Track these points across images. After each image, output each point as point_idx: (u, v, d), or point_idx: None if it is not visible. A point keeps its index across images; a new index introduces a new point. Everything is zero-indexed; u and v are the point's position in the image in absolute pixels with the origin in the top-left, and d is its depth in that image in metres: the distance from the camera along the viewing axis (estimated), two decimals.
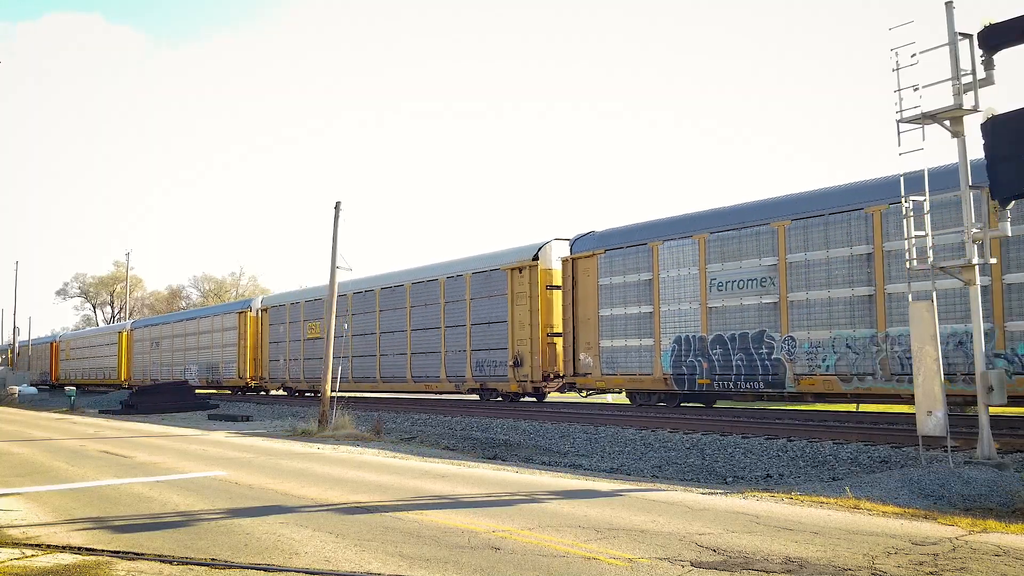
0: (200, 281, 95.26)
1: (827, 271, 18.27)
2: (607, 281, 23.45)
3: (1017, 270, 15.29)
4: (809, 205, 18.90)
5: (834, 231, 18.13)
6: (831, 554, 7.01)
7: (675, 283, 21.55)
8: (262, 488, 11.62)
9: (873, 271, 17.39)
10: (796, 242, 18.92)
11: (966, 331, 15.07)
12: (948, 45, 11.87)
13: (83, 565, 7.18)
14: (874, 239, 17.38)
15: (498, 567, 6.81)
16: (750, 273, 19.87)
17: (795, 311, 18.84)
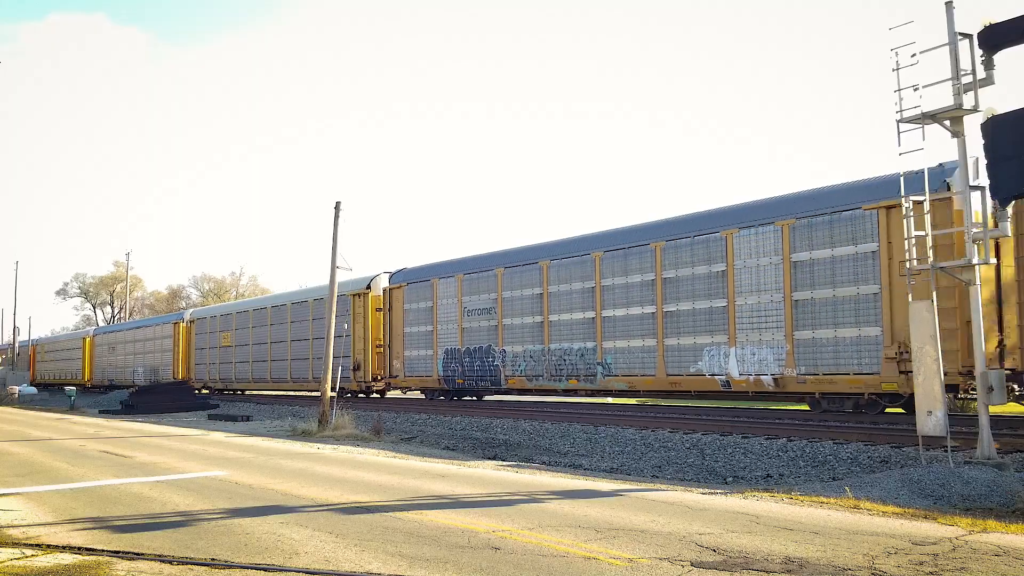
0: (200, 281, 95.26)
1: (521, 304, 26.24)
2: (408, 307, 31.12)
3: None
4: (515, 258, 27.11)
5: (523, 277, 26.28)
6: (831, 554, 7.02)
7: (445, 309, 29.27)
8: (262, 488, 11.62)
9: (542, 306, 25.43)
10: (507, 284, 26.71)
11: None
12: (948, 45, 11.87)
13: (83, 565, 7.18)
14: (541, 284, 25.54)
15: (498, 567, 6.81)
16: (483, 304, 27.65)
17: (506, 332, 26.62)
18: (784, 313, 19.10)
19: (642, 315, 22.21)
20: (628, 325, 22.62)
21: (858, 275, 17.80)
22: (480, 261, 28.58)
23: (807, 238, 18.74)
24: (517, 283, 26.24)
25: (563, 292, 24.66)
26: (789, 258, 19.08)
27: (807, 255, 18.77)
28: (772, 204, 20.15)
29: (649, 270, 22.10)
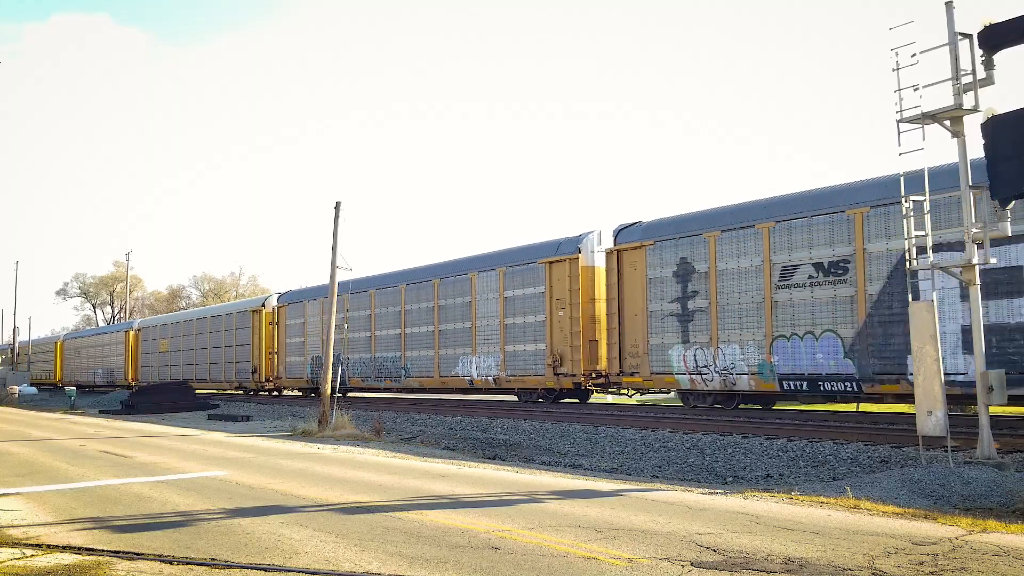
0: (200, 281, 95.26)
1: (359, 323, 34.34)
2: (289, 322, 39.69)
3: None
4: (356, 287, 33.78)
5: (360, 301, 34.09)
6: (831, 554, 7.02)
7: (313, 325, 37.32)
8: (262, 488, 11.62)
9: (371, 324, 33.57)
10: (352, 306, 34.31)
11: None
12: (948, 45, 11.87)
13: (83, 565, 7.18)
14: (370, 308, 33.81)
15: (498, 567, 6.81)
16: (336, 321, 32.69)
17: (350, 344, 34.45)
18: (500, 333, 27.36)
19: (427, 332, 30.64)
20: (419, 340, 31.05)
21: (536, 308, 26.15)
22: (364, 283, 35.83)
23: (512, 281, 27.24)
24: (357, 306, 34.59)
25: (384, 314, 33.15)
26: (503, 294, 27.41)
27: (511, 293, 27.19)
28: (493, 257, 28.81)
29: (429, 299, 30.67)
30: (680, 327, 21.76)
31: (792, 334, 19.33)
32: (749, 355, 20.20)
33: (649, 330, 22.49)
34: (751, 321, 20.15)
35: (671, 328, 21.98)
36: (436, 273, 30.65)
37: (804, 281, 19.06)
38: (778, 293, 19.55)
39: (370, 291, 33.86)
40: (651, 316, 22.45)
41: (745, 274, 20.28)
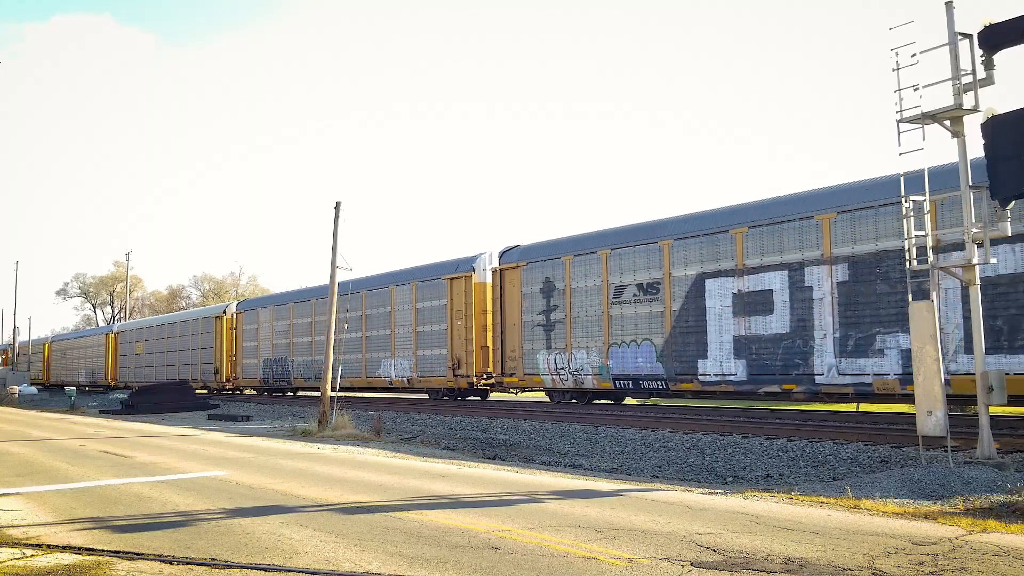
0: (200, 281, 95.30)
1: (301, 329, 39.14)
2: (245, 328, 43.65)
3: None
4: (298, 297, 40.39)
5: (301, 310, 39.30)
6: (831, 554, 7.02)
7: (265, 331, 42.28)
8: (262, 488, 11.62)
9: (311, 331, 38.39)
10: (296, 314, 39.35)
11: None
12: (948, 45, 11.87)
13: (83, 565, 7.18)
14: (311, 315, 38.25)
15: (498, 567, 6.81)
16: (282, 328, 40.39)
17: (295, 348, 39.48)
18: (413, 339, 31.71)
19: (356, 338, 34.59)
20: (350, 345, 34.22)
21: (440, 318, 30.20)
22: (282, 297, 42.53)
23: (423, 294, 31.41)
24: (300, 314, 39.28)
25: (322, 322, 34.64)
26: (416, 305, 31.69)
27: (422, 304, 31.47)
28: (408, 272, 33.07)
29: (359, 309, 34.70)
30: (545, 335, 25.84)
31: (623, 342, 23.41)
32: (593, 359, 24.24)
33: (523, 338, 26.69)
34: (594, 331, 24.17)
35: (539, 336, 26.13)
36: (364, 286, 34.95)
37: (631, 298, 23.17)
38: (613, 308, 23.65)
39: (311, 300, 38.15)
40: (524, 326, 26.64)
41: (590, 292, 24.35)
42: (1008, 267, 15.80)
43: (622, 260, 23.40)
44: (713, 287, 21.02)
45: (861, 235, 18.07)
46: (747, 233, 20.05)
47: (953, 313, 16.51)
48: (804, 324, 19.01)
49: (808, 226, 18.99)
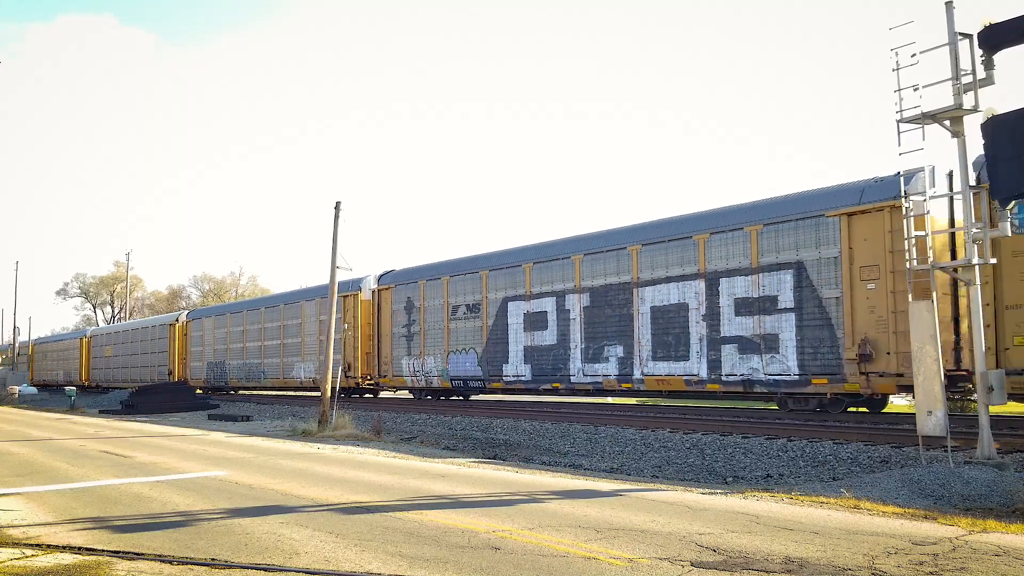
0: (200, 281, 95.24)
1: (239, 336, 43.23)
2: (192, 335, 49.10)
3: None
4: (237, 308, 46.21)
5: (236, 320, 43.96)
6: (831, 554, 7.02)
7: (209, 337, 46.90)
8: (262, 488, 11.62)
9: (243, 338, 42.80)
10: (232, 324, 44.11)
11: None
12: (948, 45, 11.87)
13: (83, 565, 7.18)
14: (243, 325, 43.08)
15: (498, 567, 6.81)
16: (221, 335, 45.31)
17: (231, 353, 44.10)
18: (316, 346, 35.85)
19: (276, 345, 39.81)
20: (271, 351, 40.06)
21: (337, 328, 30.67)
22: (221, 309, 49.82)
23: (323, 308, 34.35)
24: (234, 324, 43.98)
25: (252, 330, 41.99)
26: (319, 318, 36.08)
27: (324, 317, 33.74)
28: (314, 290, 38.06)
29: (278, 320, 39.96)
30: (407, 344, 31.41)
31: (457, 350, 28.77)
32: (438, 363, 29.64)
33: (392, 346, 32.31)
34: (439, 341, 29.57)
35: (402, 345, 31.65)
36: (281, 300, 41.57)
37: (462, 316, 28.71)
38: (451, 323, 29.09)
39: (243, 312, 44.04)
40: (393, 336, 32.29)
41: (436, 310, 29.81)
42: (673, 299, 22.00)
43: (457, 285, 29.14)
44: (513, 308, 26.88)
45: (597, 272, 23.98)
46: (532, 267, 26.27)
47: (646, 330, 22.41)
48: (565, 338, 24.73)
49: (567, 264, 24.87)
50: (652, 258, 22.38)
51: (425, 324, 30.35)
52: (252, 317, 42.33)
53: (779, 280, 19.60)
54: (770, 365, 19.67)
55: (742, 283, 20.32)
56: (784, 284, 19.49)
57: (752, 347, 20.00)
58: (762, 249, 19.93)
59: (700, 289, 21.19)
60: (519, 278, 26.51)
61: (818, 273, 18.81)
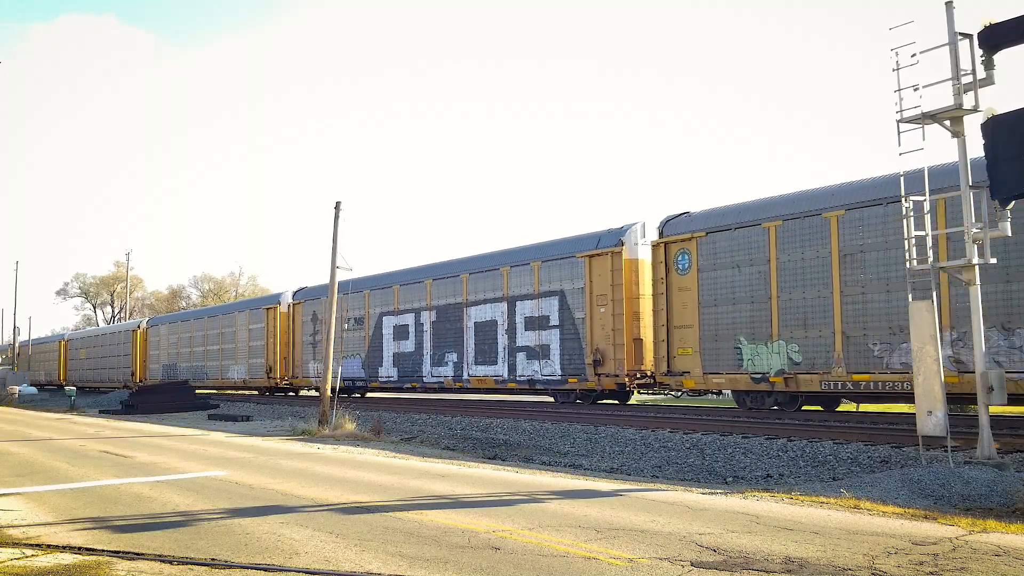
0: (200, 281, 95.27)
1: (189, 342, 49.54)
2: (151, 340, 55.23)
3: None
4: (188, 316, 54.35)
5: (181, 328, 51.18)
6: (831, 554, 7.02)
7: (167, 342, 52.85)
8: (262, 488, 11.62)
9: (191, 343, 49.43)
10: (181, 331, 50.84)
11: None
12: (948, 45, 11.87)
13: (83, 565, 7.18)
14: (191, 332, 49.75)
15: (498, 567, 6.81)
16: (174, 341, 51.78)
17: (181, 356, 50.35)
18: (247, 351, 42.87)
19: (217, 350, 46.09)
20: (213, 355, 46.65)
21: (262, 336, 41.56)
22: (173, 317, 57.10)
23: (253, 318, 42.53)
24: (184, 331, 50.77)
25: (198, 336, 48.78)
26: (250, 327, 42.71)
27: (252, 326, 42.50)
28: (244, 303, 48.05)
29: (217, 328, 46.44)
30: (312, 351, 37.93)
31: (348, 355, 34.99)
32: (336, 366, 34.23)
33: (303, 352, 39.10)
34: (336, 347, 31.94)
35: (309, 351, 38.46)
36: (221, 311, 48.50)
37: (352, 327, 35.27)
38: (346, 333, 35.13)
39: (191, 320, 51.36)
40: (304, 344, 39.02)
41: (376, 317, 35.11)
42: (488, 316, 28.17)
43: (349, 302, 35.12)
44: (386, 322, 33.39)
45: (441, 295, 30.47)
46: (400, 288, 32.79)
47: (471, 341, 28.65)
48: (420, 346, 31.24)
49: (422, 287, 31.52)
50: (475, 284, 28.85)
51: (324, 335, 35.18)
52: (198, 325, 49.15)
53: (550, 304, 25.84)
54: (544, 368, 25.84)
55: (529, 305, 26.56)
56: (553, 307, 25.76)
57: (535, 355, 26.27)
58: (541, 280, 26.18)
59: (504, 309, 27.50)
60: (391, 297, 33.29)
61: (573, 299, 25.13)
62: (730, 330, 20.69)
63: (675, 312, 21.81)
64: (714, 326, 21.00)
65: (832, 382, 18.44)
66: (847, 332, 18.16)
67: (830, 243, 18.54)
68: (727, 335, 20.74)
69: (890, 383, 17.27)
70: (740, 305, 20.48)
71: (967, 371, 15.86)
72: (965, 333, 15.73)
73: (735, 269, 20.56)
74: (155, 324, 56.22)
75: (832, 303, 18.43)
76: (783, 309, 19.51)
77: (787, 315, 19.42)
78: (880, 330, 17.56)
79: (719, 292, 20.91)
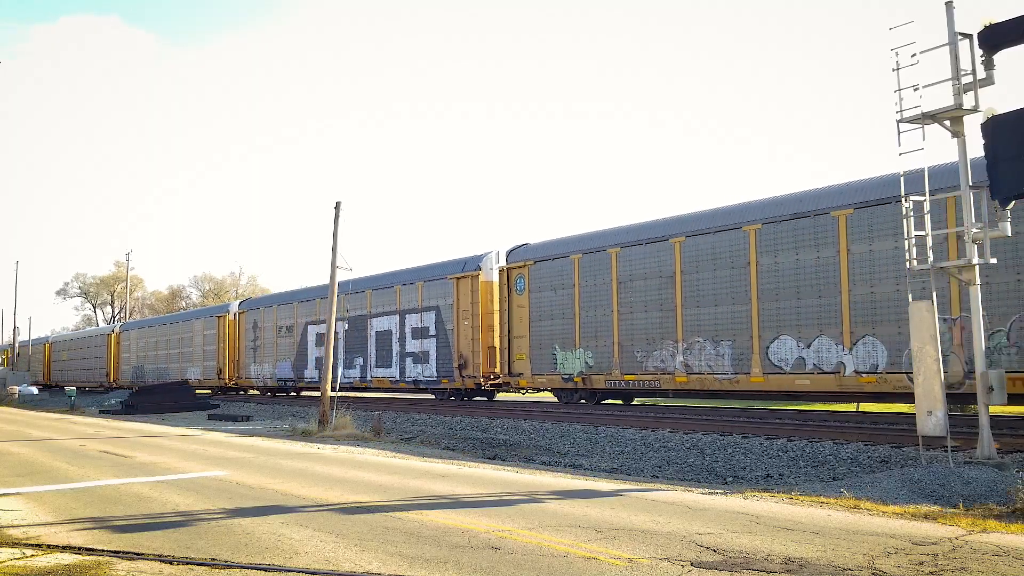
0: (200, 281, 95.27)
1: (153, 345, 55.50)
2: (123, 344, 60.38)
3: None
4: (153, 322, 60.14)
5: (150, 332, 56.76)
6: (831, 554, 7.02)
7: (135, 346, 58.05)
8: (262, 488, 11.62)
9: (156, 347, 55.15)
10: (147, 335, 56.78)
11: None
12: (948, 45, 11.86)
13: (83, 565, 7.18)
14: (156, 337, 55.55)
15: (498, 567, 6.81)
16: (143, 345, 57.07)
17: (147, 360, 55.83)
18: (202, 354, 48.26)
19: (177, 353, 51.43)
20: (173, 358, 51.86)
21: (212, 341, 46.94)
22: (141, 323, 61.59)
23: (207, 325, 48.15)
24: (151, 336, 55.89)
25: (161, 341, 53.79)
26: (204, 332, 48.05)
27: (206, 332, 48.24)
28: (199, 311, 53.85)
29: (177, 333, 51.85)
30: (254, 354, 43.33)
31: (281, 359, 40.59)
32: (270, 369, 41.48)
33: (246, 355, 44.13)
34: (271, 352, 41.48)
35: (251, 355, 43.59)
36: (180, 318, 54.99)
37: (283, 335, 40.68)
38: (279, 339, 40.82)
39: (156, 326, 56.75)
40: (247, 349, 44.03)
41: (270, 329, 41.60)
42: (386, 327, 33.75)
43: (281, 312, 41.21)
44: (310, 330, 38.48)
45: (352, 307, 35.18)
46: (320, 301, 36.55)
47: (374, 347, 34.09)
48: (337, 351, 31.66)
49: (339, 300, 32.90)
50: (377, 299, 34.35)
51: (264, 340, 42.62)
52: (162, 331, 54.58)
53: (430, 317, 31.12)
54: (425, 371, 31.31)
55: (415, 318, 31.91)
56: (432, 319, 31.06)
57: (419, 359, 31.67)
58: (424, 296, 31.38)
59: (397, 321, 33.00)
60: (314, 308, 38.04)
61: (446, 313, 30.33)
62: (549, 340, 25.87)
63: (514, 325, 27.20)
64: (539, 336, 26.25)
65: (612, 380, 23.69)
66: (621, 342, 23.41)
67: (611, 273, 23.72)
68: (547, 344, 25.91)
69: (646, 381, 22.63)
70: (555, 320, 25.67)
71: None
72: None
73: (553, 291, 25.85)
74: (127, 329, 61.68)
75: (612, 320, 23.57)
76: (583, 324, 24.60)
77: (585, 328, 24.57)
78: (640, 341, 22.75)
79: (543, 309, 26.20)
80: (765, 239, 19.70)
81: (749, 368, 19.78)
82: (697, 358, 21.13)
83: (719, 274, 20.74)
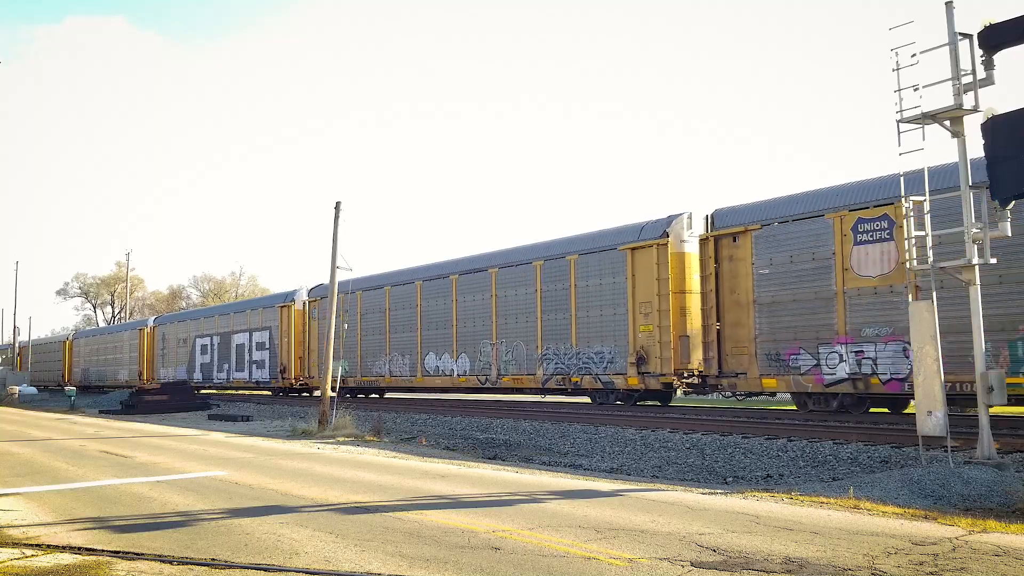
0: (200, 281, 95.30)
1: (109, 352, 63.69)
2: (78, 350, 69.97)
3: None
4: (103, 332, 70.51)
5: (109, 339, 64.96)
6: (831, 554, 7.02)
7: (87, 351, 68.02)
8: (262, 488, 11.62)
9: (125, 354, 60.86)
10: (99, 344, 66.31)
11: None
12: (948, 45, 11.86)
13: (83, 565, 7.18)
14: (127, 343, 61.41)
15: (498, 567, 6.81)
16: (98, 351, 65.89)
17: (102, 364, 64.36)
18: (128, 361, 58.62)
19: (112, 359, 60.70)
20: (110, 362, 60.36)
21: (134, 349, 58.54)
22: (89, 332, 71.22)
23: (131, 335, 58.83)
24: (97, 343, 64.79)
25: (100, 348, 63.03)
26: (130, 343, 58.72)
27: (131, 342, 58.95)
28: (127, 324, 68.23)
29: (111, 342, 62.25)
30: (162, 359, 53.50)
31: (178, 364, 51.30)
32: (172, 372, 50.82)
33: (157, 361, 54.78)
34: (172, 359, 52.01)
35: (159, 361, 54.21)
36: (111, 330, 64.59)
37: (181, 344, 51.29)
38: (177, 349, 51.53)
39: (96, 335, 66.48)
40: (157, 356, 54.94)
41: (171, 340, 52.64)
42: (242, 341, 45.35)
43: (178, 328, 52.74)
44: (198, 342, 49.25)
45: (220, 326, 47.20)
46: (203, 319, 49.03)
47: (234, 356, 45.03)
48: (212, 359, 47.90)
49: (212, 320, 48.48)
50: (235, 320, 45.78)
51: (167, 350, 53.46)
52: (101, 340, 64.68)
53: (264, 335, 42.78)
54: (263, 374, 42.81)
55: (258, 335, 43.34)
56: (267, 336, 42.53)
57: (258, 365, 43.11)
58: (264, 319, 43.05)
59: (248, 336, 44.19)
60: (202, 324, 49.39)
61: (275, 332, 41.94)
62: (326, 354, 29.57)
63: (311, 343, 39.42)
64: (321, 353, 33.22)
65: (357, 381, 36.10)
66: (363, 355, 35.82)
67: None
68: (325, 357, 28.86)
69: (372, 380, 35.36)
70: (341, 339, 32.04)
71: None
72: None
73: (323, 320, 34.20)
74: (78, 337, 71.47)
75: (357, 341, 35.44)
76: (347, 344, 34.42)
77: (348, 346, 34.80)
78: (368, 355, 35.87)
79: (323, 332, 32.34)
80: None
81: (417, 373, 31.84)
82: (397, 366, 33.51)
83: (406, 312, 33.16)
